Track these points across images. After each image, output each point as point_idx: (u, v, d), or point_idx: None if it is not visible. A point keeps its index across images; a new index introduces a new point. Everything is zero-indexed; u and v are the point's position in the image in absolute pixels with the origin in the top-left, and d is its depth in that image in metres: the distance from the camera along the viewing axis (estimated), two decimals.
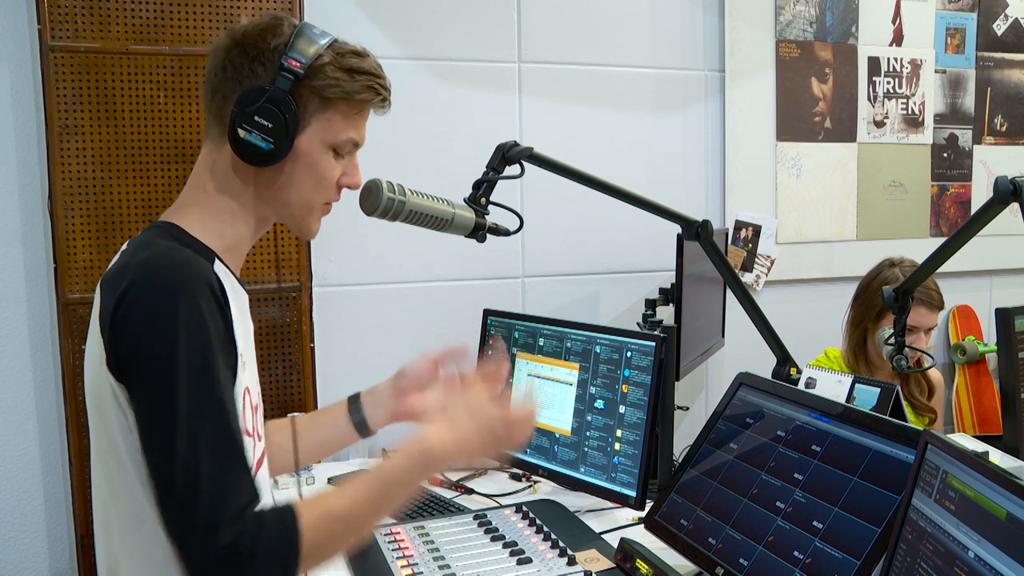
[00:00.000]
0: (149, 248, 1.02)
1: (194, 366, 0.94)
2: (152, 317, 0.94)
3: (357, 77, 1.11)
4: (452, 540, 1.62)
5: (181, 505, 0.91)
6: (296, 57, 1.06)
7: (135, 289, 0.95)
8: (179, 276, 0.97)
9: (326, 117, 1.11)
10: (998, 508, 0.93)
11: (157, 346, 0.94)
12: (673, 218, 1.82)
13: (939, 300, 2.27)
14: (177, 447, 0.92)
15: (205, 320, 0.96)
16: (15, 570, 2.15)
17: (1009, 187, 1.51)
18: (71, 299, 2.03)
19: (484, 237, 1.52)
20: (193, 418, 0.93)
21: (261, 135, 1.06)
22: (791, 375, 2.00)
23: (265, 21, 1.10)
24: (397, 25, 2.32)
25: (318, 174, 1.12)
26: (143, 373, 0.95)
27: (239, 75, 1.07)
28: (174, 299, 0.95)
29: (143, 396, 0.95)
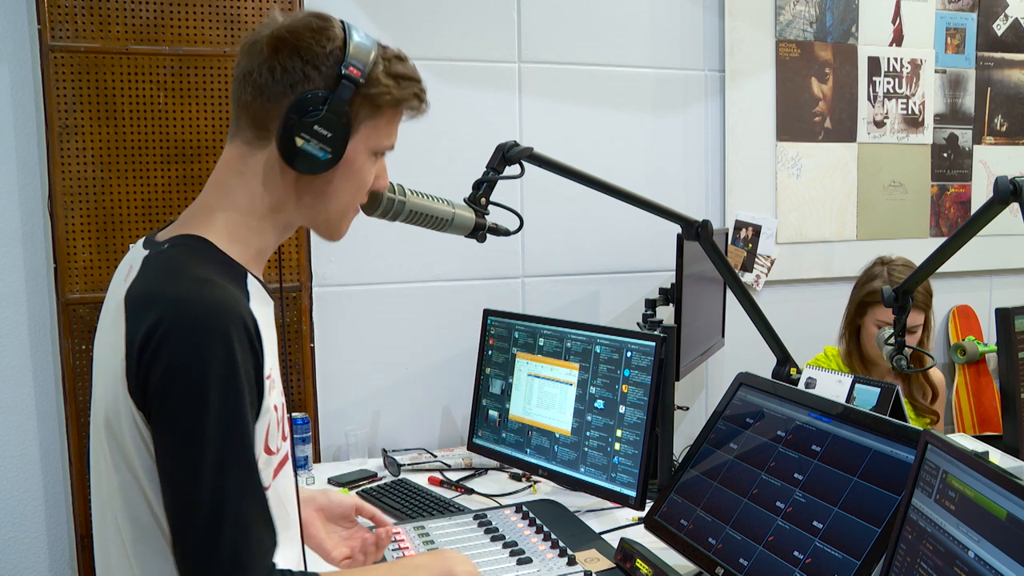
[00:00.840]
0: (182, 278, 0.97)
1: (223, 416, 0.91)
2: (183, 361, 0.91)
3: (403, 84, 1.08)
4: (452, 540, 1.62)
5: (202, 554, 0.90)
6: (356, 65, 1.03)
7: (166, 326, 0.92)
8: (214, 319, 0.93)
9: (373, 124, 1.08)
10: (998, 508, 0.93)
11: (187, 392, 0.91)
12: (673, 218, 1.83)
13: (923, 301, 2.29)
14: (200, 497, 0.90)
15: (238, 366, 0.93)
16: (15, 570, 2.15)
17: (1009, 187, 1.51)
18: (71, 299, 2.03)
19: (484, 237, 1.52)
20: (218, 469, 0.91)
21: (319, 144, 1.02)
22: (791, 375, 2.00)
23: (313, 21, 1.05)
24: (397, 25, 2.32)
25: (359, 180, 1.11)
26: (170, 416, 0.92)
27: (290, 78, 1.02)
28: (207, 344, 0.92)
29: (168, 438, 0.92)
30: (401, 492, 1.99)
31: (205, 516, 0.90)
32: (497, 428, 2.09)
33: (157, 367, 0.91)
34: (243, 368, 0.94)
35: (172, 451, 0.92)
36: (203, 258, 1.01)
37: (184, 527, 0.91)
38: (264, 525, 0.95)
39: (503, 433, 2.08)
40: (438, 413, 2.44)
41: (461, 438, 2.40)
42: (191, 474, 0.91)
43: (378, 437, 2.39)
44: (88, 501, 2.06)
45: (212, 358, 0.91)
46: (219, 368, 0.92)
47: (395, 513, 1.87)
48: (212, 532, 0.90)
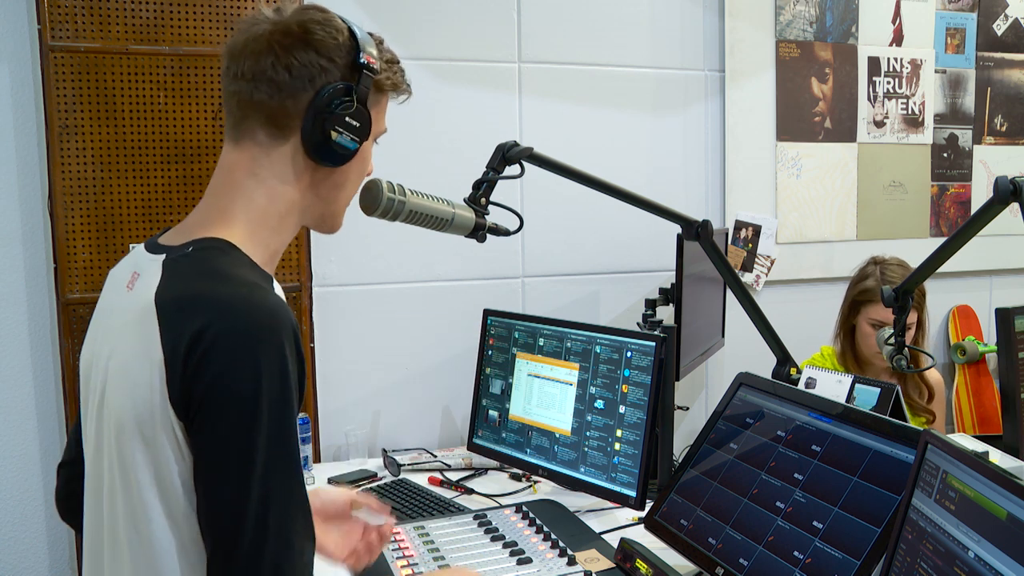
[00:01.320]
0: (225, 280, 0.93)
1: (274, 424, 0.89)
2: (234, 370, 0.88)
3: (395, 68, 1.10)
4: (452, 540, 1.62)
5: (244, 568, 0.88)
6: (370, 53, 1.04)
7: (215, 330, 0.88)
8: (267, 325, 0.90)
9: (377, 111, 1.09)
10: (998, 508, 0.93)
11: (238, 404, 0.88)
12: (673, 218, 1.82)
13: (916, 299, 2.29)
14: (248, 507, 0.88)
15: (288, 373, 0.90)
16: (15, 570, 2.15)
17: (1009, 187, 1.51)
18: (71, 299, 2.03)
19: (484, 237, 1.52)
20: (267, 482, 0.88)
21: (351, 136, 1.03)
22: (791, 375, 2.00)
23: (314, 14, 1.04)
24: (397, 25, 2.32)
25: (365, 167, 1.12)
26: (218, 426, 0.88)
27: (308, 73, 1.01)
28: (259, 350, 0.88)
29: (216, 447, 0.89)
30: (401, 492, 1.99)
31: (251, 525, 0.87)
32: (497, 428, 2.09)
33: (206, 374, 0.88)
34: (293, 378, 0.91)
35: (219, 459, 0.89)
36: (237, 261, 0.98)
37: (227, 539, 0.88)
38: (307, 536, 0.93)
39: (503, 433, 2.08)
40: (438, 413, 2.44)
41: (461, 438, 2.40)
42: (238, 486, 0.88)
43: (378, 437, 2.39)
44: None
45: (265, 368, 0.88)
46: (272, 378, 0.89)
47: (395, 513, 1.87)
48: (257, 542, 0.88)
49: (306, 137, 1.02)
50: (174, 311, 0.91)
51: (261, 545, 0.88)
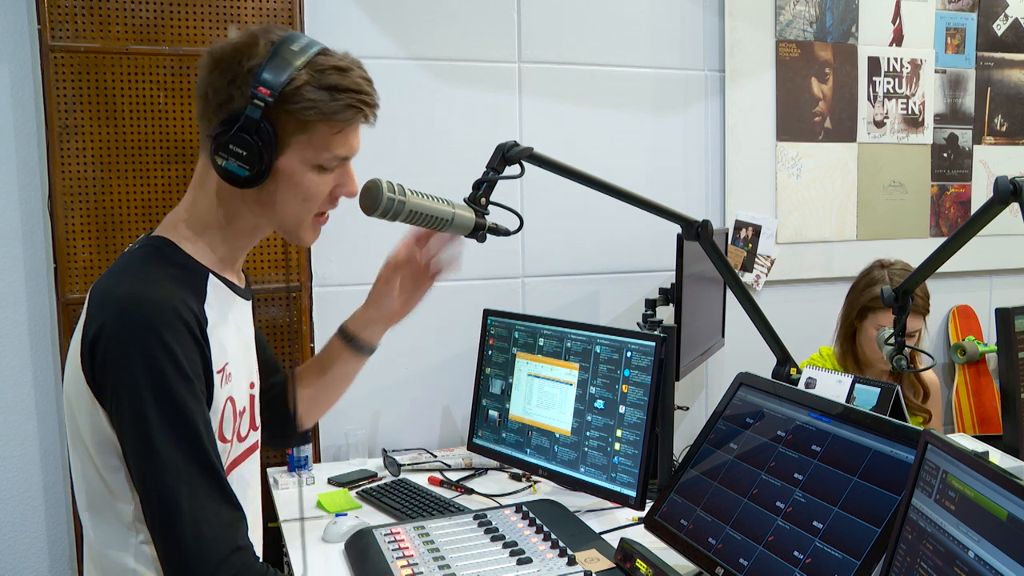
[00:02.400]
0: (132, 277, 1.05)
1: (162, 403, 0.99)
2: (122, 358, 0.99)
3: (337, 96, 1.08)
4: (452, 540, 1.62)
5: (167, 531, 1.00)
6: (267, 82, 1.04)
7: (108, 326, 1.01)
8: (146, 316, 1.00)
9: (306, 138, 1.09)
10: (999, 508, 0.93)
11: (129, 387, 0.99)
12: (673, 218, 1.82)
13: (923, 306, 2.29)
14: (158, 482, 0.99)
15: (174, 352, 1.00)
16: (15, 570, 2.15)
17: (1009, 187, 1.51)
18: (71, 299, 2.03)
19: (484, 237, 1.52)
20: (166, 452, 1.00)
21: (237, 162, 1.06)
22: (791, 375, 2.00)
23: (242, 39, 1.07)
24: (397, 25, 2.32)
25: (303, 192, 1.12)
26: (120, 409, 1.01)
27: (218, 98, 1.07)
28: (140, 339, 1.00)
29: (123, 429, 1.02)
30: (401, 492, 1.99)
31: (164, 494, 0.99)
32: (497, 428, 2.09)
33: (105, 365, 1.01)
34: (183, 358, 1.01)
35: (128, 439, 1.01)
36: (161, 260, 1.09)
37: (149, 507, 1.01)
38: (223, 500, 1.03)
39: (503, 433, 2.08)
40: (438, 413, 2.44)
41: (461, 438, 2.40)
42: (146, 459, 1.00)
43: (378, 437, 2.39)
44: None
45: (146, 352, 0.99)
46: (153, 361, 0.99)
47: (395, 513, 1.87)
48: (172, 508, 0.99)
49: (210, 159, 1.09)
50: (93, 302, 1.05)
51: (176, 512, 0.99)
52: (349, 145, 1.13)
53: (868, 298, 2.29)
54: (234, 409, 1.13)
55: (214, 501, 1.02)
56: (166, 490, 0.99)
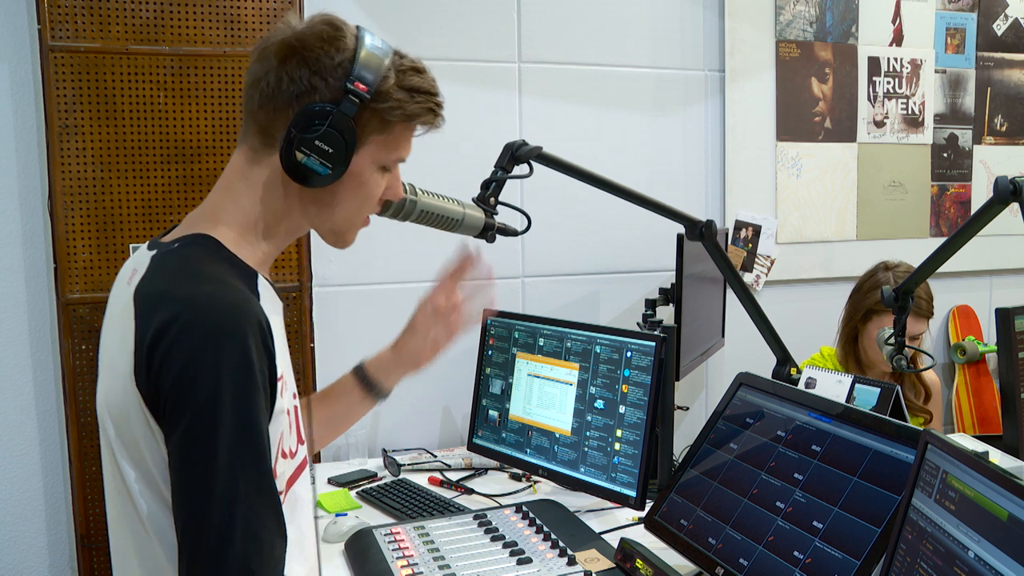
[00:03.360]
0: (195, 277, 0.96)
1: (237, 420, 0.90)
2: (196, 363, 0.89)
3: (417, 98, 1.06)
4: (452, 540, 1.62)
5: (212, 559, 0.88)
6: (364, 79, 1.00)
7: (179, 324, 0.90)
8: (228, 320, 0.91)
9: (382, 139, 1.06)
10: (999, 509, 0.93)
11: (199, 395, 0.89)
12: (678, 218, 1.82)
13: (927, 309, 2.29)
14: (212, 502, 0.88)
15: (252, 369, 0.91)
16: (15, 570, 2.15)
17: (1009, 187, 1.51)
18: (71, 299, 2.03)
19: (494, 237, 1.51)
20: (231, 474, 0.89)
21: (320, 160, 1.01)
22: (791, 375, 2.00)
23: (324, 29, 1.03)
24: (397, 25, 2.32)
25: (366, 192, 1.09)
26: (183, 419, 0.89)
27: (297, 89, 1.00)
28: (220, 346, 0.90)
29: (180, 442, 0.90)
30: (401, 492, 1.99)
31: (217, 521, 0.88)
32: (497, 428, 2.09)
33: (170, 367, 0.89)
34: (258, 371, 0.92)
35: (185, 454, 0.90)
36: (214, 258, 1.00)
37: (193, 530, 0.89)
38: (277, 532, 0.93)
39: (503, 433, 2.08)
40: (438, 413, 2.44)
41: (461, 438, 2.40)
42: (203, 478, 0.88)
43: (378, 437, 2.39)
44: (88, 501, 2.07)
45: (226, 361, 0.89)
46: (233, 371, 0.90)
47: (395, 513, 1.87)
48: (223, 537, 0.88)
49: (282, 154, 1.02)
50: (148, 304, 0.93)
51: (228, 538, 0.88)
52: (410, 147, 1.12)
53: (873, 301, 2.28)
54: (291, 419, 1.04)
55: (269, 532, 0.92)
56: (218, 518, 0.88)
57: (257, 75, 1.03)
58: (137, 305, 0.95)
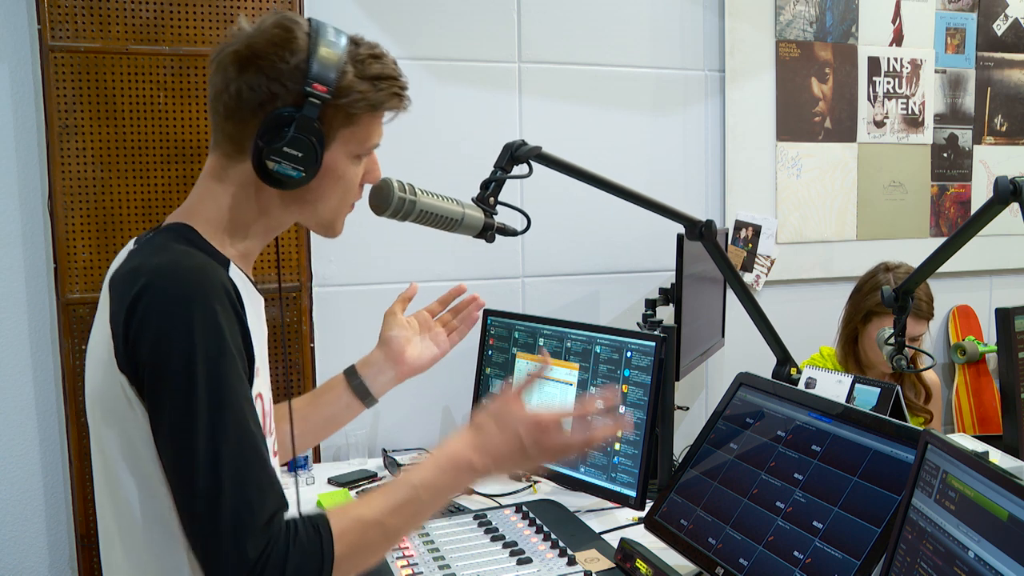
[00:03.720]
0: (164, 251, 0.98)
1: (212, 377, 0.91)
2: (168, 326, 0.91)
3: (380, 85, 1.06)
4: (452, 540, 1.62)
5: (206, 520, 0.90)
6: (322, 79, 1.00)
7: (149, 295, 0.92)
8: (195, 282, 0.94)
9: (351, 131, 1.07)
10: (999, 509, 0.93)
11: (174, 357, 0.91)
12: (678, 218, 1.82)
13: (927, 311, 2.29)
14: (198, 461, 0.90)
15: (222, 328, 0.93)
16: (15, 570, 2.15)
17: (1009, 187, 1.51)
18: (71, 299, 2.03)
19: (493, 237, 1.51)
20: (213, 431, 0.91)
21: (291, 164, 1.01)
22: (791, 375, 2.00)
23: (275, 33, 1.02)
24: (397, 25, 2.32)
25: (345, 184, 1.10)
26: (160, 383, 0.92)
27: (258, 98, 1.01)
28: (190, 307, 0.92)
29: (161, 407, 0.92)
30: None
31: (204, 484, 0.90)
32: None
33: (144, 339, 0.92)
34: (228, 334, 0.94)
35: (167, 419, 0.92)
36: (184, 240, 1.03)
37: (187, 498, 0.91)
38: (267, 485, 0.94)
39: None
40: (438, 413, 2.44)
41: None
42: (186, 445, 0.90)
43: (378, 437, 2.39)
44: (88, 501, 2.07)
45: (198, 327, 0.92)
46: (207, 335, 0.92)
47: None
48: (213, 499, 0.90)
49: (254, 163, 1.03)
50: (120, 284, 0.96)
51: (217, 504, 0.90)
52: (381, 132, 1.13)
53: (873, 303, 2.28)
54: (263, 408, 1.05)
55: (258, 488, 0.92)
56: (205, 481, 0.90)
57: (218, 87, 1.04)
58: (111, 288, 0.98)
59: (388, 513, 1.00)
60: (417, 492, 1.03)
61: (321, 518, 0.96)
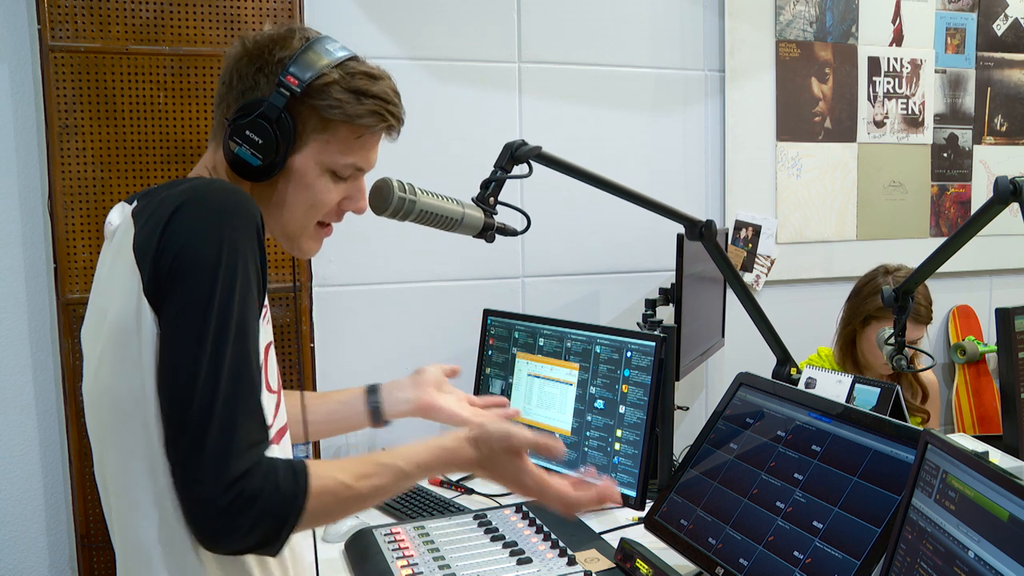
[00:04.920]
0: (190, 181, 1.00)
1: (230, 288, 0.92)
2: (199, 234, 0.92)
3: (364, 100, 1.07)
4: (452, 540, 1.62)
5: (196, 423, 0.89)
6: (296, 73, 1.03)
7: (185, 208, 0.93)
8: (230, 201, 0.95)
9: (325, 139, 1.08)
10: (999, 509, 0.93)
11: (201, 262, 0.91)
12: (678, 218, 1.82)
13: (926, 315, 2.29)
14: (201, 364, 0.90)
15: (249, 247, 0.95)
16: (15, 570, 2.15)
17: (1009, 187, 1.51)
18: (71, 299, 2.03)
19: (493, 237, 1.51)
20: (220, 340, 0.91)
21: (251, 150, 1.04)
22: (791, 375, 2.00)
23: (279, 31, 1.08)
24: (397, 25, 2.32)
25: (312, 196, 1.10)
26: (181, 287, 0.92)
27: (243, 85, 1.06)
28: (223, 220, 0.93)
29: (175, 308, 0.92)
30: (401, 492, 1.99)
31: (201, 390, 0.89)
32: None
33: (176, 243, 0.92)
34: (251, 257, 0.95)
35: (174, 329, 0.91)
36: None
37: (178, 400, 0.91)
38: (258, 412, 0.94)
39: None
40: None
41: None
42: (192, 347, 0.90)
43: (378, 437, 2.39)
44: (88, 501, 2.06)
45: (228, 241, 0.92)
46: (234, 252, 0.93)
47: (395, 513, 1.87)
48: (206, 405, 0.89)
49: (223, 146, 1.06)
50: (147, 215, 0.96)
51: (208, 414, 0.89)
52: (367, 157, 1.12)
53: (873, 307, 2.28)
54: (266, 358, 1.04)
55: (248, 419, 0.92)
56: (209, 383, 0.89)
57: (222, 77, 1.09)
58: (135, 220, 0.97)
59: (370, 488, 1.01)
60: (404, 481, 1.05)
61: (302, 467, 0.95)
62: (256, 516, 0.89)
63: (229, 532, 0.89)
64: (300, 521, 0.94)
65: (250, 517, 0.89)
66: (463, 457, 1.10)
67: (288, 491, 0.92)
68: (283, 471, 0.93)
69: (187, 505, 0.91)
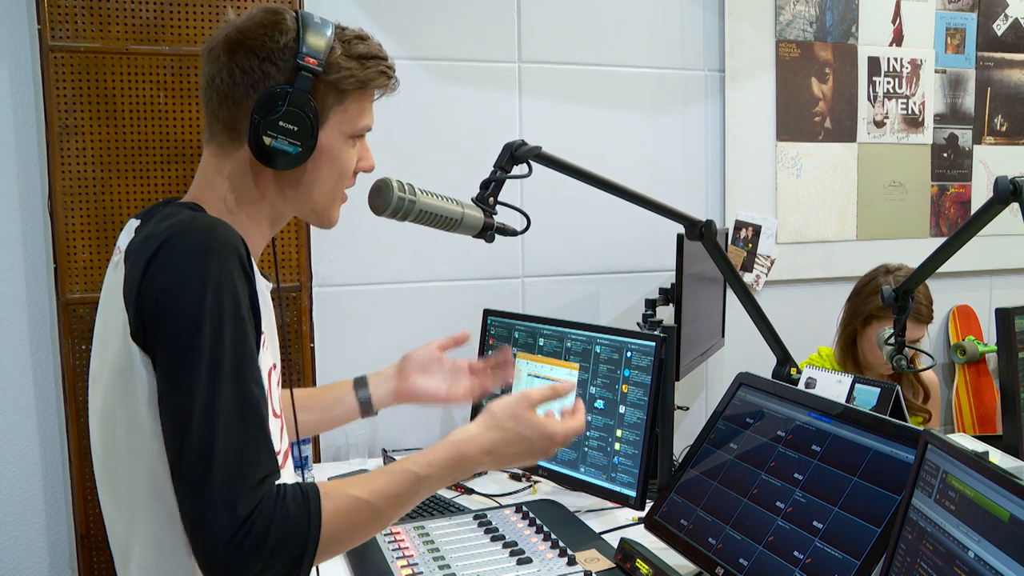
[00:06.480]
0: (178, 216, 0.99)
1: (219, 328, 0.90)
2: (180, 276, 0.91)
3: (367, 64, 1.09)
4: (452, 540, 1.62)
5: (197, 472, 0.88)
6: (311, 54, 1.04)
7: (166, 249, 0.92)
8: (210, 238, 0.94)
9: (343, 109, 1.09)
10: (999, 509, 0.93)
11: (184, 305, 0.90)
12: (678, 218, 1.82)
13: (927, 314, 2.29)
14: (195, 411, 0.88)
15: (234, 282, 0.93)
16: (15, 570, 2.15)
17: (1009, 187, 1.51)
18: (71, 299, 2.03)
19: (492, 237, 1.51)
20: (214, 382, 0.89)
21: (288, 140, 1.03)
22: (791, 375, 2.00)
23: (264, 17, 1.06)
24: (397, 25, 2.32)
25: (340, 166, 1.11)
26: (167, 332, 0.91)
27: (250, 79, 1.04)
28: (204, 259, 0.92)
29: (165, 356, 0.91)
30: None
31: (200, 432, 0.88)
32: None
33: (156, 287, 0.91)
34: (240, 290, 0.94)
35: (169, 367, 0.91)
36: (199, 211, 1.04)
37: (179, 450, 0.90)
38: (264, 446, 0.93)
39: None
40: (438, 413, 2.44)
41: None
42: (188, 390, 0.89)
43: (378, 437, 2.39)
44: (88, 501, 2.06)
45: (209, 270, 0.91)
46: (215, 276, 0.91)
47: None
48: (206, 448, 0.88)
49: (250, 143, 1.04)
50: (135, 253, 0.96)
51: (210, 458, 0.88)
52: (372, 114, 1.14)
53: (873, 307, 2.28)
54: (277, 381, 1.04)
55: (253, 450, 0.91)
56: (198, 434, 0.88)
57: (211, 75, 1.06)
58: (127, 258, 0.97)
59: (385, 499, 0.99)
60: (420, 486, 1.03)
61: (312, 490, 0.94)
62: (271, 551, 0.88)
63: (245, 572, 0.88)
64: (320, 546, 0.92)
65: (264, 554, 0.88)
66: (478, 442, 1.08)
67: (299, 519, 0.91)
68: (292, 499, 0.92)
69: (199, 550, 0.89)
